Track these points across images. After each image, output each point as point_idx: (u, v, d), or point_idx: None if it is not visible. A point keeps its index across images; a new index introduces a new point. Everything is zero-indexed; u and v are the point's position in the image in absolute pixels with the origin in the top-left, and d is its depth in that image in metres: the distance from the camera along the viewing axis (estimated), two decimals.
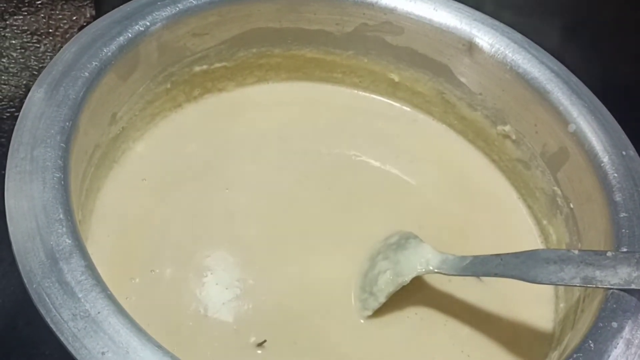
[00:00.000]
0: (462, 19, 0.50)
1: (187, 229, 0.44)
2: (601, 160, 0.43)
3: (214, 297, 0.41)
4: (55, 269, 0.32)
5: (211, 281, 0.42)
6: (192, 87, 0.50)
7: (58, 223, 0.33)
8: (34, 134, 0.37)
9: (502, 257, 0.39)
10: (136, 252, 0.42)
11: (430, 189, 0.50)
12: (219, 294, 0.42)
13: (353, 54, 0.53)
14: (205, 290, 0.42)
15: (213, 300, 0.41)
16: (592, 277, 0.36)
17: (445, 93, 0.52)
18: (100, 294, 0.31)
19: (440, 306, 0.43)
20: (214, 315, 0.41)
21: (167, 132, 0.49)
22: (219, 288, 0.42)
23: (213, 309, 0.41)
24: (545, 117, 0.47)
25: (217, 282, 0.42)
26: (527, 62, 0.48)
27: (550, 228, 0.47)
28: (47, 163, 0.36)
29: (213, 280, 0.42)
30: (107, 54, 0.42)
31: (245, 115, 0.52)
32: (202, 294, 0.41)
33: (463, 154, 0.53)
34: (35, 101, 0.38)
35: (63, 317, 0.31)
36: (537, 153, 0.48)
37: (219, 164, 0.48)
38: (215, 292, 0.42)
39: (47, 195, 0.34)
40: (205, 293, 0.41)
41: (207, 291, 0.42)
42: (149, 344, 0.30)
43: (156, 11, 0.45)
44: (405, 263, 0.42)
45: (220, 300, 0.41)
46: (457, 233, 0.48)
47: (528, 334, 0.43)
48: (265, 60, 0.52)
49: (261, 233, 0.45)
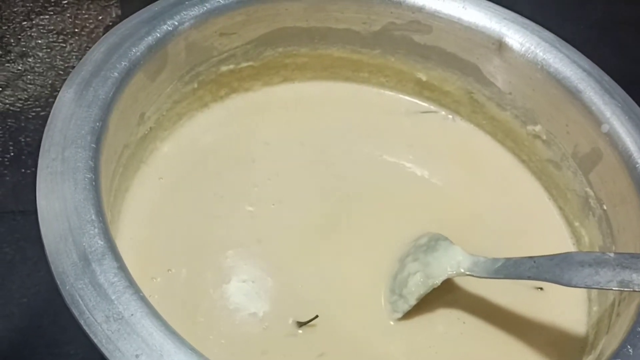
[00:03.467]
0: (492, 18, 0.49)
1: (212, 229, 0.44)
2: (636, 162, 0.42)
3: (241, 300, 0.41)
4: (88, 270, 0.32)
5: (236, 283, 0.42)
6: (219, 87, 0.50)
7: (90, 224, 0.33)
8: (64, 134, 0.37)
9: (535, 260, 0.38)
10: (157, 252, 0.42)
11: (459, 190, 0.50)
12: (246, 296, 0.41)
13: (380, 53, 0.53)
14: (232, 291, 0.41)
15: (240, 303, 0.41)
16: (630, 281, 0.35)
17: (474, 93, 0.52)
18: (133, 295, 0.31)
19: (471, 309, 0.43)
20: (242, 317, 0.40)
21: (193, 132, 0.49)
22: (245, 290, 0.42)
23: (242, 311, 0.41)
24: (577, 117, 0.46)
25: (243, 283, 0.42)
26: (559, 61, 0.47)
27: (582, 230, 0.47)
28: (79, 164, 0.36)
29: (238, 282, 0.42)
30: (136, 54, 0.42)
31: (271, 115, 0.52)
32: (228, 296, 0.41)
33: (492, 155, 0.52)
34: (65, 101, 0.38)
35: (96, 319, 0.30)
36: (568, 154, 0.47)
37: (245, 164, 0.48)
38: (242, 294, 0.41)
39: (78, 196, 0.34)
40: (231, 294, 0.41)
41: (234, 293, 0.41)
42: (183, 347, 0.30)
43: (184, 11, 0.45)
44: (436, 265, 0.42)
45: (248, 302, 0.41)
46: (485, 235, 0.47)
47: (561, 337, 0.43)
48: (292, 60, 0.52)
49: (286, 234, 0.45)
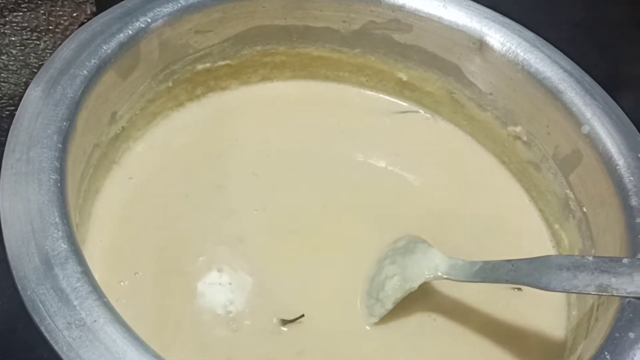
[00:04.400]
0: (473, 17, 0.48)
1: (182, 230, 0.43)
2: (616, 163, 0.42)
3: (210, 302, 0.41)
4: (50, 274, 0.31)
5: (206, 286, 0.41)
6: (195, 86, 0.49)
7: (54, 227, 0.32)
8: (30, 133, 0.36)
9: (513, 263, 0.38)
10: (126, 255, 0.41)
11: (438, 191, 0.49)
12: (220, 297, 0.41)
13: (360, 52, 0.52)
14: (200, 294, 0.41)
15: (213, 305, 0.40)
16: (608, 285, 0.35)
17: (454, 93, 0.51)
18: (97, 301, 0.31)
19: (449, 313, 0.42)
20: (210, 320, 0.40)
21: (168, 131, 0.48)
22: (215, 293, 0.41)
23: (210, 314, 0.40)
24: (558, 118, 0.45)
25: (213, 286, 0.41)
26: (539, 61, 0.47)
27: (562, 232, 0.46)
28: (44, 164, 0.35)
29: (208, 285, 0.41)
30: (106, 52, 0.41)
31: (248, 115, 0.51)
32: (197, 299, 0.40)
33: (472, 155, 0.52)
34: (32, 100, 0.37)
35: (57, 325, 0.30)
36: (548, 155, 0.47)
37: (222, 164, 0.48)
38: (212, 297, 0.41)
39: (43, 197, 0.33)
40: (200, 297, 0.41)
41: (207, 293, 0.41)
42: (147, 353, 0.29)
43: (157, 7, 0.44)
44: (413, 268, 0.41)
45: (221, 304, 0.40)
46: (465, 237, 0.47)
47: (539, 341, 0.42)
48: (270, 59, 0.51)
49: (262, 236, 0.44)
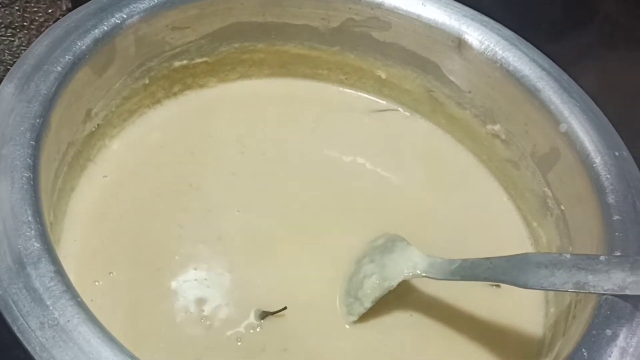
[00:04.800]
0: (451, 15, 0.48)
1: (163, 228, 0.43)
2: (593, 161, 0.42)
3: (189, 300, 0.40)
4: (23, 274, 0.30)
5: (181, 284, 0.41)
6: (172, 83, 0.49)
7: (26, 225, 0.32)
8: (2, 131, 0.35)
9: (491, 261, 0.38)
10: (100, 254, 0.41)
11: (417, 189, 0.49)
12: (196, 296, 0.40)
13: (339, 50, 0.52)
14: (184, 293, 0.40)
15: (188, 304, 0.40)
16: (585, 283, 0.35)
17: (433, 91, 0.51)
18: (70, 301, 0.30)
19: (428, 310, 0.42)
20: (184, 319, 0.39)
21: (145, 129, 0.48)
22: (190, 292, 0.40)
23: (187, 314, 0.40)
24: (536, 116, 0.46)
25: (190, 284, 0.41)
26: (518, 59, 0.47)
27: (540, 230, 0.46)
28: (16, 162, 0.34)
29: (184, 284, 0.41)
30: (81, 48, 0.40)
31: (226, 113, 0.51)
32: (171, 298, 0.40)
33: (451, 154, 0.52)
34: (5, 96, 0.37)
35: (30, 325, 0.29)
36: (527, 153, 0.47)
37: (199, 162, 0.47)
38: (186, 296, 0.40)
39: (15, 196, 0.33)
40: (183, 297, 0.40)
41: (183, 292, 0.40)
42: (122, 354, 0.29)
43: (133, 3, 0.44)
44: (392, 267, 0.41)
45: (197, 303, 0.40)
46: (444, 235, 0.47)
47: (518, 338, 0.42)
48: (248, 56, 0.51)
49: (239, 234, 0.44)
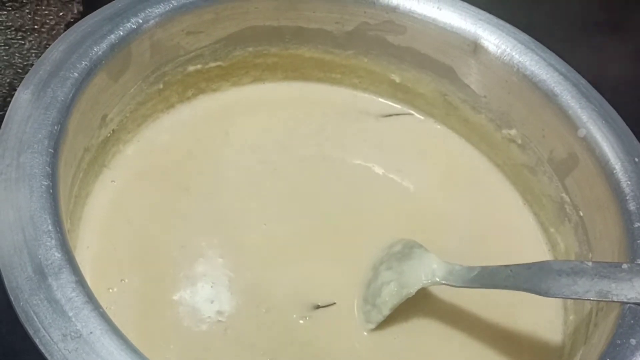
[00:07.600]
0: (467, 19, 0.48)
1: (176, 232, 0.43)
2: (613, 167, 0.41)
3: (202, 305, 0.40)
4: (44, 285, 0.30)
5: (201, 290, 0.41)
6: (186, 88, 0.49)
7: (46, 235, 0.32)
8: (20, 138, 0.35)
9: (511, 269, 0.38)
10: (114, 260, 0.41)
11: (433, 194, 0.49)
12: (206, 302, 0.40)
13: (353, 54, 0.51)
14: (198, 298, 0.40)
15: (204, 309, 0.40)
16: (608, 291, 0.34)
17: (448, 95, 0.51)
18: (93, 312, 0.30)
19: (445, 317, 0.42)
20: (202, 323, 0.39)
21: (158, 134, 0.48)
22: (205, 296, 0.40)
23: (202, 319, 0.39)
24: (553, 121, 0.45)
25: (204, 289, 0.41)
26: (535, 64, 0.46)
27: (557, 236, 0.46)
28: (35, 170, 0.34)
29: (203, 289, 0.41)
30: (97, 53, 0.40)
31: (240, 117, 0.50)
32: (194, 302, 0.40)
33: (466, 158, 0.51)
34: (22, 103, 0.36)
35: (53, 337, 0.29)
36: (544, 158, 0.47)
37: (213, 167, 0.47)
38: (202, 300, 0.40)
39: (34, 204, 0.32)
40: (197, 301, 0.40)
41: (199, 300, 0.40)
42: None
43: (149, 8, 0.43)
44: (410, 274, 0.41)
45: (212, 307, 0.40)
46: (459, 240, 0.46)
47: (536, 345, 0.42)
48: (262, 60, 0.51)
49: (255, 240, 0.43)
